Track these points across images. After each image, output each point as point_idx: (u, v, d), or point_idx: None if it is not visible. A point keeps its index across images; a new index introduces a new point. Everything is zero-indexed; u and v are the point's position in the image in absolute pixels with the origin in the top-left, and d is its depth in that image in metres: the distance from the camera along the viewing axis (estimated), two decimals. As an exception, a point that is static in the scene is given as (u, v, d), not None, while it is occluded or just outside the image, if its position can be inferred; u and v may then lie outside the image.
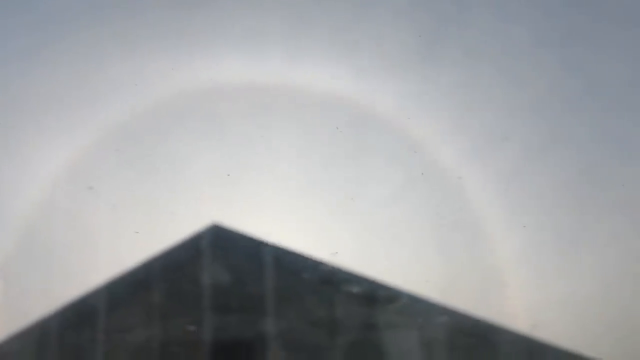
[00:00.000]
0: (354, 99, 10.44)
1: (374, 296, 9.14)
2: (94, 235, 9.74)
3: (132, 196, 10.02)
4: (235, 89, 10.54)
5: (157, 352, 9.06)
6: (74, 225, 9.93)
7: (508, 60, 10.53)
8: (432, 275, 9.45)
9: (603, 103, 10.40)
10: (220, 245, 9.33)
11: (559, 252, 9.77)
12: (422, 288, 9.22)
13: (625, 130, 10.21)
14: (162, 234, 9.42)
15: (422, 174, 10.29)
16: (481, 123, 10.45)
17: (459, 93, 10.47)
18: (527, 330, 8.84)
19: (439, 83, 10.45)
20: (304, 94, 10.48)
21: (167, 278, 9.36)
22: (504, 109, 10.57)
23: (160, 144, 10.56)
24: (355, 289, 9.18)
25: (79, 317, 9.53)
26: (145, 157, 10.44)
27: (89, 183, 10.02)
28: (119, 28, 10.79)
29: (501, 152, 10.27)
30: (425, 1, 10.74)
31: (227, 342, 8.94)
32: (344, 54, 10.50)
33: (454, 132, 10.42)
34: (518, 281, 9.56)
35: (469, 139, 10.38)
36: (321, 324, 9.04)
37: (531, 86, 10.43)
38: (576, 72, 10.49)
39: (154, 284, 9.40)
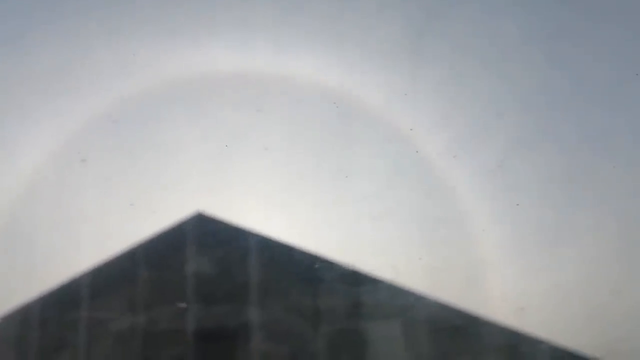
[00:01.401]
0: (341, 91, 10.45)
1: (358, 287, 9.18)
2: (78, 222, 9.68)
3: (117, 184, 9.96)
4: (222, 78, 10.52)
5: (140, 341, 9.04)
6: (58, 212, 9.86)
7: (495, 56, 10.58)
8: (417, 266, 9.50)
9: (588, 100, 10.47)
10: (204, 234, 9.32)
11: (542, 245, 9.84)
12: (406, 279, 9.29)
13: (609, 128, 10.30)
14: (146, 222, 9.39)
15: (409, 166, 10.33)
16: (467, 117, 10.49)
17: (446, 87, 10.50)
18: (510, 322, 8.93)
19: (426, 77, 10.46)
20: (291, 85, 10.48)
21: (151, 266, 9.33)
22: (490, 104, 10.61)
23: (146, 131, 10.53)
24: (339, 280, 9.21)
25: (62, 304, 9.48)
26: (131, 145, 10.39)
27: (73, 168, 9.98)
28: (107, 14, 10.70)
29: (487, 146, 10.32)
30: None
31: (210, 331, 8.94)
32: (333, 46, 10.50)
33: (440, 126, 10.45)
34: (501, 273, 9.62)
35: (455, 133, 10.41)
36: (305, 314, 9.07)
37: (518, 82, 10.48)
38: (562, 69, 10.56)
39: (138, 272, 9.36)
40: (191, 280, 9.08)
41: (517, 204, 10.07)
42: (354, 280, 9.22)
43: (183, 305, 8.91)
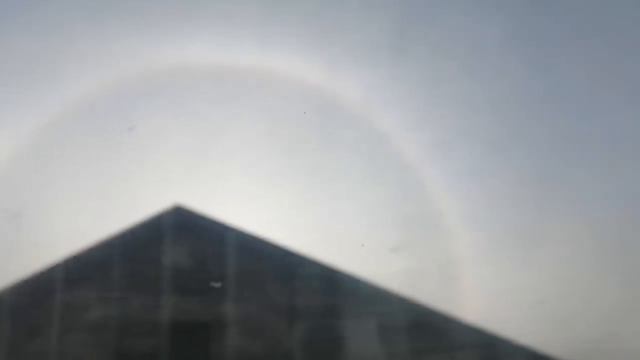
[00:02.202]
0: (322, 88, 10.52)
1: (334, 284, 9.25)
2: (54, 211, 9.60)
3: (94, 172, 9.90)
4: (204, 70, 10.51)
5: (114, 331, 9.00)
6: (34, 201, 9.77)
7: (473, 60, 10.76)
8: (392, 265, 9.62)
9: (561, 106, 10.70)
10: (182, 226, 9.30)
11: (514, 246, 10.04)
12: (381, 277, 9.39)
13: (582, 133, 10.53)
14: (124, 213, 9.35)
15: (385, 165, 10.44)
16: (445, 119, 10.65)
17: (425, 89, 10.64)
18: (482, 321, 9.09)
19: (405, 78, 10.61)
20: (272, 81, 10.51)
21: (127, 257, 9.27)
22: (468, 106, 10.78)
23: (125, 121, 10.45)
24: (315, 276, 9.27)
25: (35, 293, 9.36)
26: (109, 133, 10.32)
27: (50, 156, 9.89)
28: (91, 2, 10.61)
29: (463, 148, 10.48)
30: (396, -4, 10.85)
31: (185, 324, 8.93)
32: (314, 44, 10.58)
33: (418, 127, 10.58)
34: (474, 273, 9.79)
35: (432, 133, 10.55)
36: (281, 309, 9.11)
37: (495, 86, 10.67)
38: (538, 74, 10.77)
39: (113, 262, 9.29)
40: (167, 272, 9.06)
41: (491, 206, 10.27)
42: (330, 277, 9.29)
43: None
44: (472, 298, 9.48)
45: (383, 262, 9.65)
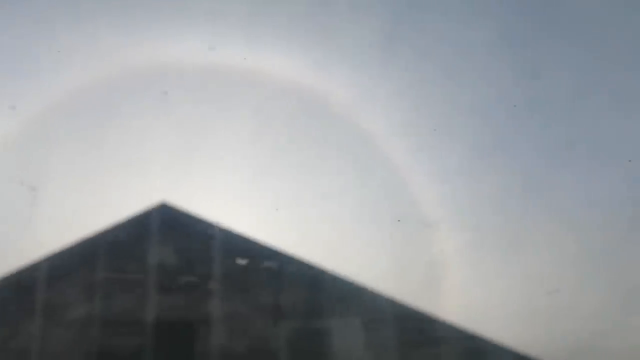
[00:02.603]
0: (310, 89, 10.54)
1: (319, 283, 9.26)
2: (39, 207, 9.50)
3: (80, 169, 9.83)
4: (192, 68, 10.48)
5: (97, 329, 8.92)
6: (18, 197, 9.66)
7: (461, 63, 10.83)
8: (376, 265, 9.66)
9: (547, 110, 10.81)
10: (168, 224, 9.26)
11: (498, 252, 10.12)
12: (366, 277, 9.43)
13: (567, 137, 10.64)
14: (110, 211, 9.28)
15: (371, 167, 10.49)
16: (431, 121, 10.71)
17: (412, 90, 10.70)
18: (464, 322, 9.15)
19: (393, 80, 10.67)
20: (261, 80, 10.51)
21: (112, 254, 9.20)
22: (454, 109, 10.86)
23: (111, 118, 10.40)
24: (300, 275, 9.27)
25: (18, 290, 9.26)
26: (95, 130, 10.26)
27: (35, 154, 9.80)
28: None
29: (449, 150, 10.55)
30: (384, 0, 10.92)
31: (170, 322, 8.88)
32: (304, 44, 10.61)
33: (404, 128, 10.64)
34: (458, 276, 9.85)
35: (419, 135, 10.61)
36: (266, 308, 9.10)
37: (481, 89, 10.76)
38: (523, 80, 10.87)
39: (97, 259, 9.22)
40: (152, 270, 9.01)
41: (476, 208, 10.35)
42: (315, 276, 9.30)
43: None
44: (455, 298, 9.54)
45: (368, 261, 9.67)
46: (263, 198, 10.05)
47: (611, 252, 9.81)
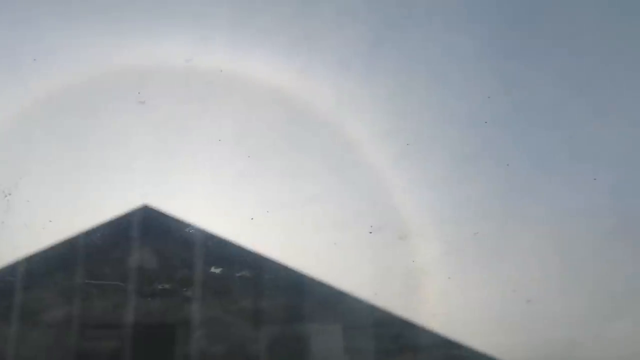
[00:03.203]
0: (292, 93, 10.51)
1: (300, 288, 9.24)
2: (15, 209, 9.39)
3: (60, 171, 9.73)
4: (174, 71, 10.42)
5: (75, 333, 8.84)
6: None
7: (445, 71, 10.84)
8: (357, 271, 9.63)
9: (531, 118, 10.85)
10: (149, 227, 9.20)
11: (478, 259, 10.11)
12: (346, 283, 9.41)
13: (550, 146, 10.69)
14: (90, 213, 9.20)
15: (354, 173, 10.47)
16: (415, 128, 10.70)
17: (397, 97, 10.69)
18: (445, 330, 9.15)
19: (377, 86, 10.65)
20: (243, 84, 10.47)
21: (91, 257, 9.14)
22: (437, 116, 10.86)
23: (92, 119, 10.30)
24: (281, 280, 9.24)
25: (-6, 291, 9.19)
26: (76, 131, 10.15)
27: (14, 154, 9.70)
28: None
29: (432, 157, 10.55)
30: (369, 6, 10.91)
31: (149, 326, 8.82)
32: (288, 48, 10.56)
33: (388, 135, 10.62)
34: (438, 284, 9.84)
35: (402, 142, 10.59)
36: (246, 312, 9.06)
37: (465, 97, 10.76)
38: (508, 87, 10.89)
39: (76, 262, 9.15)
40: (132, 273, 8.94)
41: (457, 215, 10.35)
42: (296, 281, 9.28)
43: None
44: (435, 305, 9.53)
45: (349, 267, 9.65)
46: (245, 201, 9.99)
47: (593, 262, 9.86)
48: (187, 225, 9.30)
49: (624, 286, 9.70)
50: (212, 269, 9.12)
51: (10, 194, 9.09)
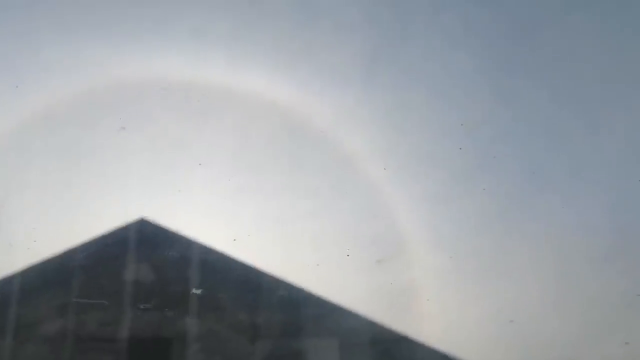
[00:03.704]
0: (291, 108, 10.53)
1: (297, 303, 9.19)
2: (13, 221, 9.37)
3: (57, 183, 9.72)
4: (172, 85, 10.44)
5: (70, 346, 8.78)
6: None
7: (443, 86, 10.87)
8: (354, 287, 9.60)
9: (529, 134, 10.87)
10: (146, 240, 9.17)
11: (477, 274, 10.08)
12: (343, 298, 9.37)
13: (548, 163, 10.69)
14: (87, 226, 9.18)
15: (351, 188, 10.47)
16: (413, 144, 10.71)
17: (394, 113, 10.72)
18: (442, 346, 9.10)
19: (375, 101, 10.68)
20: (241, 99, 10.49)
21: (87, 270, 9.10)
22: (436, 132, 10.89)
23: (90, 133, 10.30)
24: (278, 295, 9.20)
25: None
26: (73, 146, 10.15)
27: (12, 167, 9.69)
28: (58, 12, 10.51)
29: (430, 173, 10.55)
30: (368, 21, 10.96)
31: (145, 339, 8.76)
32: (286, 64, 10.58)
33: (386, 150, 10.63)
34: (436, 300, 9.79)
35: (400, 158, 10.61)
36: (242, 327, 9.01)
37: (463, 112, 10.78)
38: (506, 103, 10.93)
39: (72, 275, 9.11)
40: (128, 286, 8.90)
41: (456, 231, 10.33)
42: (292, 295, 9.24)
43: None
44: (433, 321, 9.49)
45: (346, 282, 9.61)
46: (242, 216, 9.97)
47: (589, 279, 9.83)
48: (184, 239, 9.26)
49: (621, 303, 9.67)
50: (209, 283, 9.08)
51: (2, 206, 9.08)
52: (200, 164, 10.09)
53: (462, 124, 10.69)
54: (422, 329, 9.51)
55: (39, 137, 10.09)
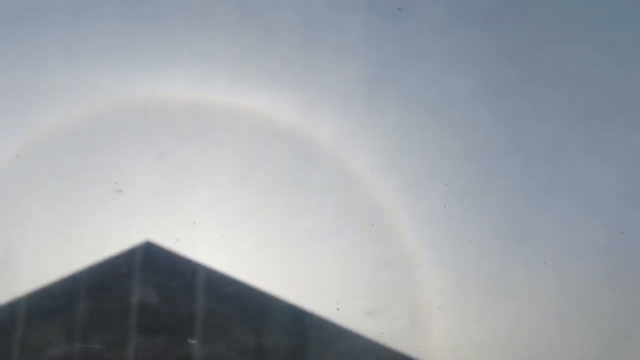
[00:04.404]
0: (294, 129, 10.59)
1: (303, 325, 9.21)
2: (19, 246, 9.38)
3: (62, 207, 9.74)
4: (177, 107, 10.50)
5: (75, 370, 8.78)
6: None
7: (445, 109, 10.95)
8: (360, 307, 9.62)
9: (530, 155, 10.94)
10: (151, 263, 9.19)
11: (480, 295, 10.12)
12: (350, 320, 9.39)
13: (548, 184, 10.76)
14: (92, 249, 9.19)
15: (356, 208, 10.51)
16: (416, 164, 10.77)
17: (397, 133, 10.78)
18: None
19: (378, 123, 10.74)
20: (245, 120, 10.55)
21: (93, 294, 9.11)
22: (437, 153, 10.95)
23: (95, 156, 10.33)
24: (283, 317, 9.22)
25: (-5, 328, 9.12)
26: (78, 169, 10.18)
27: (16, 191, 9.71)
28: (64, 35, 10.57)
29: (433, 193, 10.60)
30: (370, 44, 11.04)
31: (150, 363, 8.77)
32: (290, 85, 10.65)
33: (389, 171, 10.69)
34: (441, 319, 9.83)
35: (403, 178, 10.66)
36: (248, 350, 9.01)
37: (464, 134, 10.86)
38: (506, 125, 11.01)
39: (77, 299, 9.12)
40: (134, 309, 8.90)
41: (459, 252, 10.37)
42: (298, 318, 9.25)
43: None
44: (439, 341, 9.51)
45: (352, 303, 9.63)
46: (247, 238, 10.00)
47: (592, 298, 9.88)
48: (189, 262, 9.28)
49: (624, 326, 9.72)
50: (215, 305, 9.10)
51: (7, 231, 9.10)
52: (204, 186, 10.15)
53: (463, 144, 10.81)
54: (428, 349, 9.54)
55: (43, 161, 10.13)
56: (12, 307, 9.10)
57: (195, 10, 11.00)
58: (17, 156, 10.10)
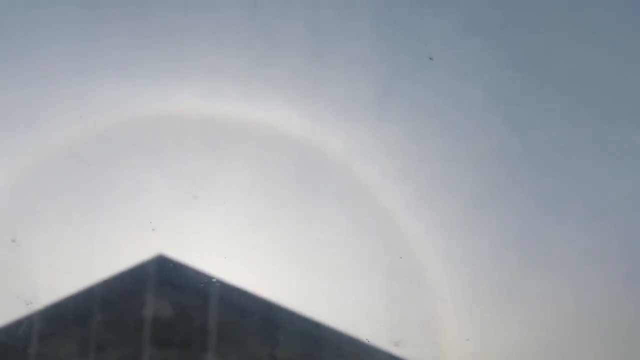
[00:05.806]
0: (305, 141, 10.62)
1: (316, 336, 9.20)
2: (33, 259, 9.44)
3: (76, 220, 9.80)
4: (187, 121, 10.56)
5: (90, 384, 8.81)
6: (13, 249, 9.60)
7: (456, 118, 10.97)
8: (373, 318, 9.61)
9: (541, 164, 10.93)
10: (164, 276, 9.21)
11: (494, 305, 10.09)
12: (362, 330, 9.37)
13: (561, 192, 10.74)
14: (105, 263, 9.23)
15: (368, 219, 10.51)
16: (427, 174, 10.78)
17: (408, 144, 10.80)
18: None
19: (389, 133, 10.77)
20: (257, 132, 10.60)
21: (107, 307, 9.14)
22: (449, 162, 10.95)
23: (107, 170, 10.41)
24: (297, 330, 9.21)
25: (10, 343, 9.16)
26: (91, 183, 10.25)
27: (31, 206, 9.78)
28: (76, 51, 10.66)
29: (444, 203, 10.60)
30: (379, 55, 11.09)
31: (165, 376, 8.78)
32: (300, 97, 10.70)
33: (400, 181, 10.70)
34: (455, 329, 9.80)
35: (415, 188, 10.67)
36: (262, 362, 9.03)
37: (475, 142, 10.87)
38: (518, 133, 11.02)
39: (92, 312, 9.15)
40: (148, 323, 8.92)
41: (472, 262, 10.35)
42: (312, 330, 9.24)
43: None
44: (453, 350, 9.47)
45: (365, 313, 9.63)
46: (260, 250, 10.02)
47: (607, 306, 9.83)
48: (203, 274, 9.30)
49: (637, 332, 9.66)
50: (228, 318, 9.10)
51: (16, 242, 9.14)
52: (216, 198, 10.18)
53: (474, 153, 10.81)
54: (443, 358, 9.51)
55: (57, 175, 10.21)
56: (28, 320, 9.15)
57: (205, 24, 11.09)
58: (31, 170, 10.19)
